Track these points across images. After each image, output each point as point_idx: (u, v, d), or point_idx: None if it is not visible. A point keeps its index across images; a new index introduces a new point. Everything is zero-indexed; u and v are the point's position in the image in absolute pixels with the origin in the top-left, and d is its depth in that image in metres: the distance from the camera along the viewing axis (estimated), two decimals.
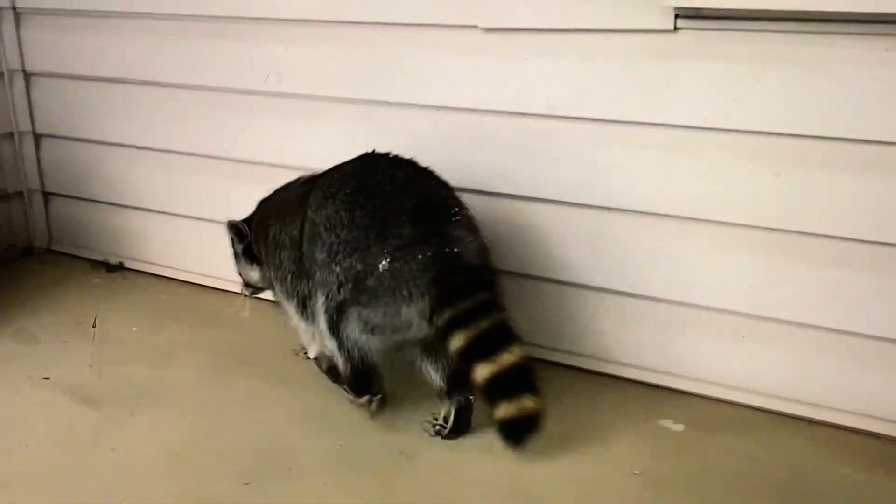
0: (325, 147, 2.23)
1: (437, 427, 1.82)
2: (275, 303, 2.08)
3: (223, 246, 2.12)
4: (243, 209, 2.09)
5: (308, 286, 1.83)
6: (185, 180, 2.57)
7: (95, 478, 1.68)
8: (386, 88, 2.16)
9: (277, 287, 1.97)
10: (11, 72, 2.75)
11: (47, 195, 2.89)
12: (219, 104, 2.44)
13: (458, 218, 1.75)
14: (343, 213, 1.75)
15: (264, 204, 2.04)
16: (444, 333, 1.64)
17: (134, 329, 2.35)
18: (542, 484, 1.66)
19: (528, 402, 1.61)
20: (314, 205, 1.82)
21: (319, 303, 1.78)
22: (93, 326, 2.05)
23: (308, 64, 2.27)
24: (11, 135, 2.80)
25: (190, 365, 2.15)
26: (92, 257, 2.81)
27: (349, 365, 1.77)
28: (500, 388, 1.62)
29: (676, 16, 1.78)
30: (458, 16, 2.02)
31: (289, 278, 1.90)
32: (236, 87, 2.39)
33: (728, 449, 1.78)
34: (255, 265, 2.05)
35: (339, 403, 1.91)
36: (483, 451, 1.75)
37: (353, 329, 1.73)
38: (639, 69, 1.86)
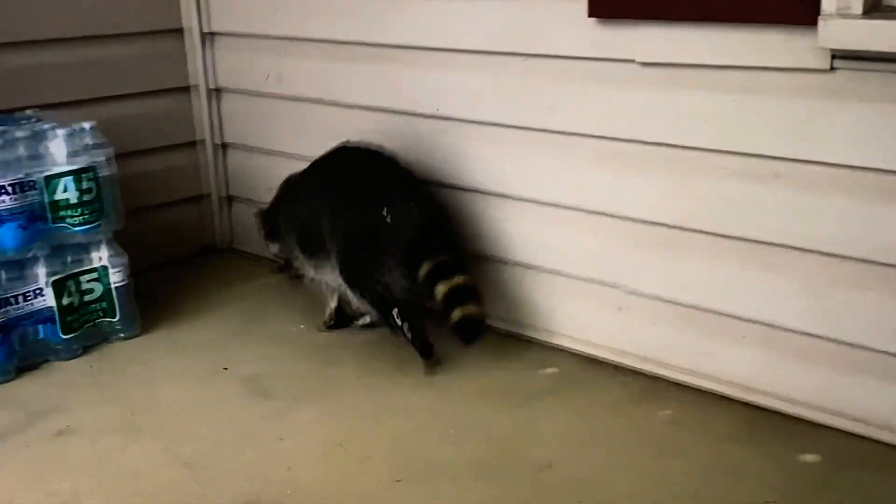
0: (486, 168, 2.40)
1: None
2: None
3: None
4: None
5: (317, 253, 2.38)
6: None
7: (264, 465, 1.87)
8: (543, 117, 2.27)
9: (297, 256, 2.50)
10: (202, 87, 3.04)
11: (230, 198, 3.18)
12: (375, 123, 2.62)
13: (413, 193, 2.32)
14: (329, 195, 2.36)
15: (283, 188, 2.56)
16: (416, 267, 2.19)
17: (301, 326, 2.57)
18: None
19: (472, 308, 2.16)
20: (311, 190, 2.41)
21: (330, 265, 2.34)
22: (224, 368, 2.32)
23: (467, 90, 2.41)
24: (203, 143, 3.10)
25: (348, 363, 2.33)
26: (266, 256, 3.07)
27: (365, 301, 2.32)
28: (453, 299, 2.16)
29: (833, 56, 1.80)
30: (615, 49, 2.11)
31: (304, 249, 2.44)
32: (396, 108, 2.57)
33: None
34: (276, 242, 2.61)
35: (483, 413, 2.05)
36: (621, 467, 1.83)
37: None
38: (793, 107, 1.88)
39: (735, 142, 1.98)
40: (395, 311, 2.26)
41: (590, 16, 2.10)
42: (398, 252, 2.23)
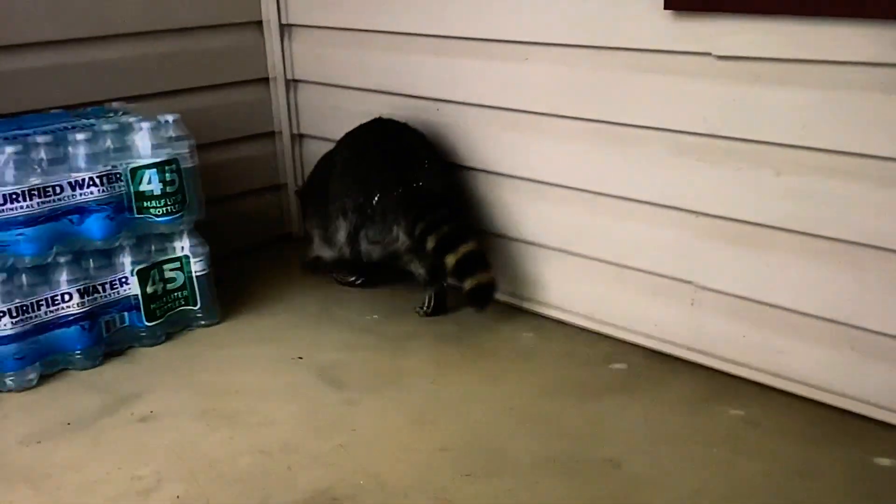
0: (559, 161, 2.42)
1: (422, 311, 2.56)
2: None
3: None
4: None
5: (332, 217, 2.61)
6: None
7: (339, 454, 1.92)
8: (617, 110, 2.26)
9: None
10: (278, 78, 3.10)
11: None
12: (455, 115, 2.64)
13: (426, 163, 2.52)
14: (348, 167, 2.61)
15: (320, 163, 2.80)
16: (421, 240, 2.40)
17: (374, 316, 2.61)
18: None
19: (483, 276, 2.35)
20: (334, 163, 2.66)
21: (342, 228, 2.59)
22: (299, 357, 2.37)
23: (542, 83, 2.41)
24: (279, 134, 3.17)
25: (420, 355, 2.37)
26: None
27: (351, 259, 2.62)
28: (463, 269, 2.36)
29: None
30: (691, 42, 2.08)
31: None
32: (468, 101, 2.58)
33: None
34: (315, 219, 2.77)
35: (554, 408, 2.07)
36: (691, 466, 1.83)
37: (363, 243, 2.55)
38: (878, 103, 1.84)
39: (815, 138, 1.94)
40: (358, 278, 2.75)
41: (666, 8, 2.07)
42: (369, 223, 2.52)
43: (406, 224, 2.44)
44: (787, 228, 2.03)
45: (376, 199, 2.51)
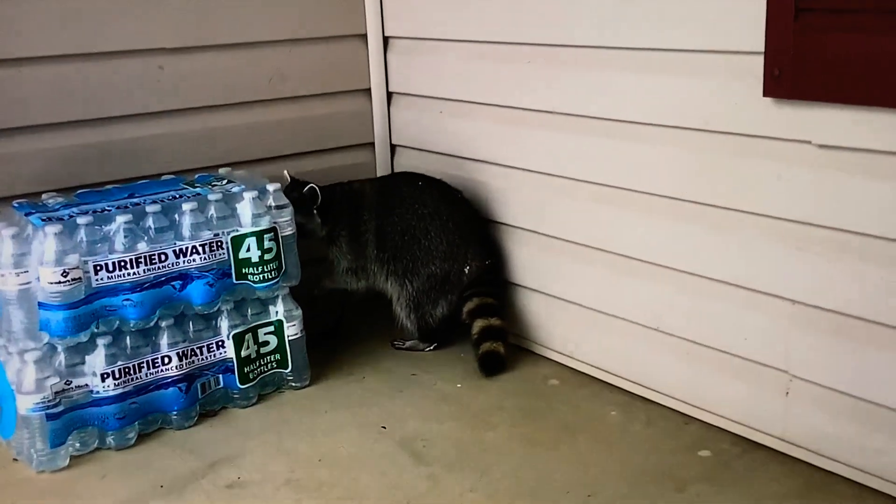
0: (651, 238, 2.41)
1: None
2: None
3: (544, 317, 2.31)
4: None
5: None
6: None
7: None
8: (713, 192, 2.23)
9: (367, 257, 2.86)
10: (376, 91, 3.18)
11: None
12: (551, 187, 2.66)
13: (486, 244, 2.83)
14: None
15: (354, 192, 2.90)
16: (464, 301, 2.74)
17: (459, 385, 2.63)
18: None
19: (497, 346, 2.64)
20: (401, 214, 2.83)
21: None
22: (383, 427, 2.40)
23: (640, 161, 2.40)
24: (373, 145, 3.24)
25: (504, 429, 2.36)
26: None
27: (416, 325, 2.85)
28: (485, 335, 2.65)
29: None
30: (791, 130, 2.04)
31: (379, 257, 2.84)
32: (563, 174, 2.60)
33: None
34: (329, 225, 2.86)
35: (641, 499, 2.02)
36: None
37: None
38: None
39: None
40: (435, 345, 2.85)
41: (765, 95, 2.05)
42: (457, 292, 2.76)
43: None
44: (886, 323, 1.96)
45: (467, 268, 2.72)
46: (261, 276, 2.45)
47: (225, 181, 2.54)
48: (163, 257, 2.30)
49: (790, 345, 2.15)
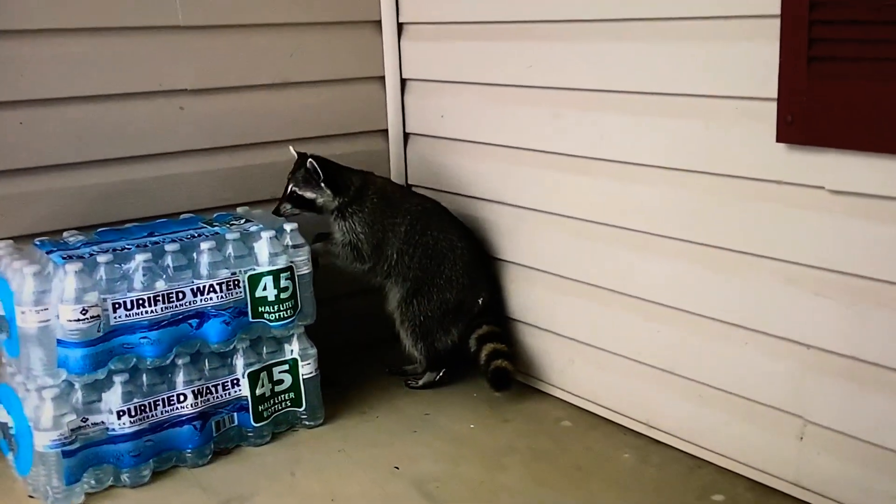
0: (663, 281, 2.41)
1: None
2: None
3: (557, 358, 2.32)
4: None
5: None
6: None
7: None
8: (725, 236, 2.25)
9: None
10: (389, 77, 3.18)
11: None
12: (559, 227, 2.68)
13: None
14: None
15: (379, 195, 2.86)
16: (473, 329, 2.82)
17: (472, 426, 2.63)
18: None
19: (507, 364, 2.72)
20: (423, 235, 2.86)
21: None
22: (396, 467, 2.39)
23: (653, 203, 2.42)
24: (386, 132, 3.24)
25: (517, 471, 2.36)
26: None
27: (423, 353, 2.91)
28: (493, 356, 2.72)
29: None
30: (803, 175, 2.06)
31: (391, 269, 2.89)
32: (572, 215, 2.63)
33: None
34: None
35: None
36: None
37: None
38: None
39: None
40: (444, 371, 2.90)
41: (778, 141, 2.07)
42: (467, 321, 2.83)
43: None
44: None
45: (481, 300, 2.84)
46: (277, 314, 2.47)
47: (243, 220, 2.57)
48: (180, 295, 2.32)
49: (805, 389, 2.15)
